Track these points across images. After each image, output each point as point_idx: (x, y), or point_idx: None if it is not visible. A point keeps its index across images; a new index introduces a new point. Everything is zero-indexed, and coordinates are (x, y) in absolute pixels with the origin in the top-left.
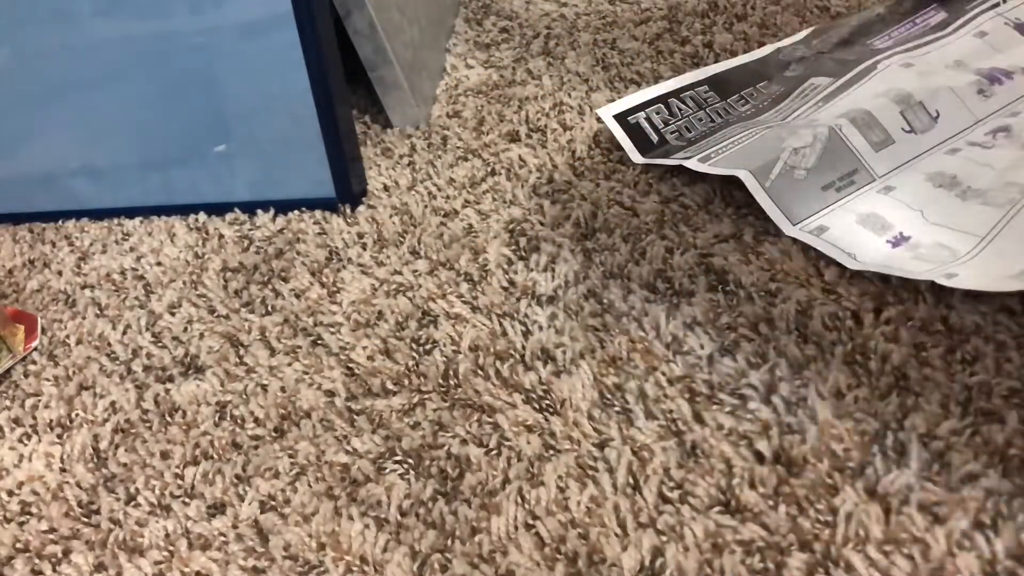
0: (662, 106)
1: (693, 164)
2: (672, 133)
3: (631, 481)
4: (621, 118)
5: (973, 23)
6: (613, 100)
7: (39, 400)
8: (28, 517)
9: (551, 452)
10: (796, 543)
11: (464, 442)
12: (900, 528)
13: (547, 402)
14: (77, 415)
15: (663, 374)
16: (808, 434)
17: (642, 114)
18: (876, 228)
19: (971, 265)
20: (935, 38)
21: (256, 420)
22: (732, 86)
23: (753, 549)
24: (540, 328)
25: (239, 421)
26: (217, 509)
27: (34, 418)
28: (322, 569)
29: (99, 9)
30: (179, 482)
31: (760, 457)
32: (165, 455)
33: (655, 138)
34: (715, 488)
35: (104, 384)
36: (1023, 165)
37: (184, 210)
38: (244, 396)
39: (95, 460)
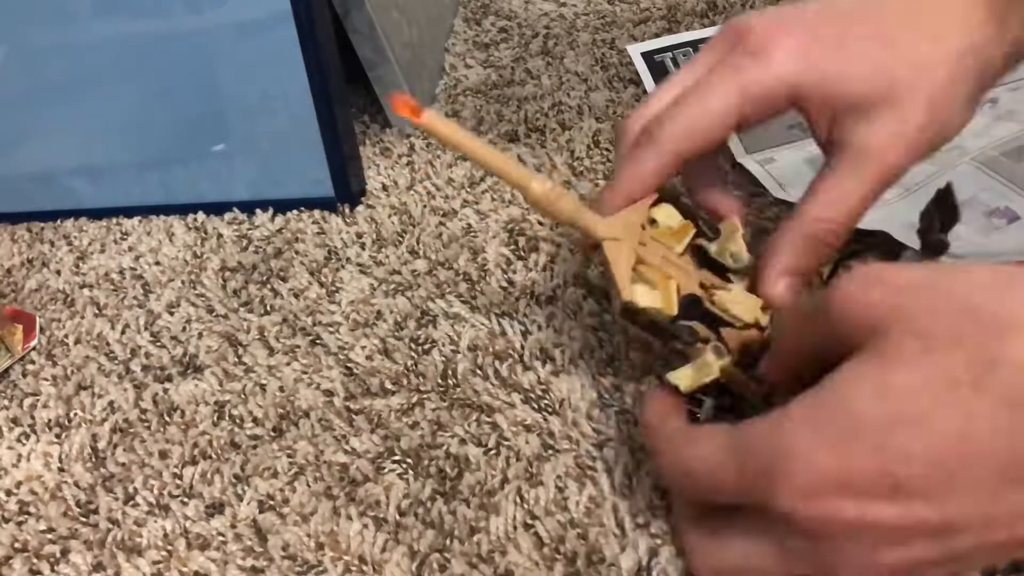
0: (691, 49)
1: None
2: None
3: (627, 481)
4: (648, 56)
5: None
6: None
7: (37, 400)
8: (26, 517)
9: (550, 452)
10: None
11: (463, 442)
12: None
13: (546, 402)
14: (75, 415)
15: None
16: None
17: (668, 54)
18: (817, 168)
19: (880, 210)
20: None
21: (255, 420)
22: None
23: None
24: (539, 328)
25: (237, 421)
26: (215, 509)
27: (32, 418)
28: (321, 569)
29: (97, 8)
30: (177, 482)
31: None
32: (163, 455)
33: None
34: None
35: (102, 384)
36: (985, 134)
37: (183, 209)
38: (243, 396)
39: (93, 460)
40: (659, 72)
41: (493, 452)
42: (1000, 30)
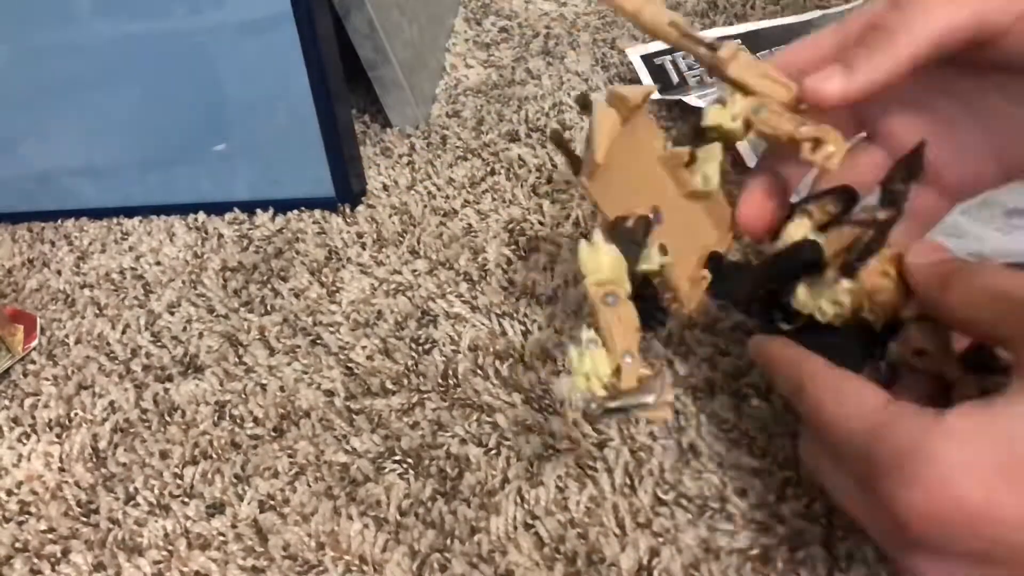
0: None
1: (690, 99)
2: (694, 77)
3: (628, 481)
4: (647, 59)
5: None
6: None
7: (38, 400)
8: (27, 516)
9: (550, 452)
10: (792, 545)
11: (463, 442)
12: None
13: (546, 402)
14: (76, 414)
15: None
16: (807, 433)
17: (668, 57)
18: None
19: None
20: None
21: (255, 420)
22: (765, 42)
23: (749, 554)
24: (539, 328)
25: (238, 420)
26: (216, 509)
27: (33, 417)
28: (321, 569)
29: (98, 8)
30: (178, 482)
31: (757, 455)
32: (164, 455)
33: (676, 79)
34: (709, 487)
35: (103, 383)
36: None
37: (183, 209)
38: (243, 396)
39: (94, 460)
40: (659, 75)
41: (494, 452)
42: None
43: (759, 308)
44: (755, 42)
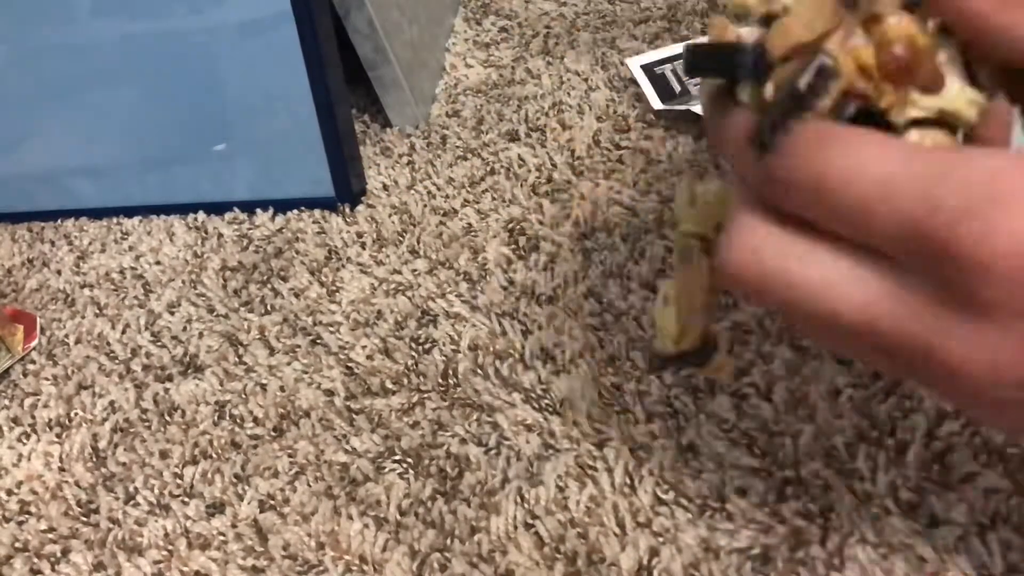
0: None
1: (697, 108)
2: (696, 86)
3: (628, 481)
4: (648, 68)
5: None
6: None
7: (38, 399)
8: (27, 516)
9: (550, 451)
10: (792, 545)
11: (463, 441)
12: (897, 530)
13: (546, 401)
14: (76, 414)
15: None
16: (805, 434)
17: (668, 66)
18: None
19: None
20: None
21: (255, 419)
22: None
23: (749, 554)
24: (539, 327)
25: (238, 420)
26: (216, 508)
27: (33, 417)
28: (321, 568)
29: (98, 8)
30: (178, 481)
31: (757, 455)
32: (164, 454)
33: (678, 88)
34: (709, 487)
35: (103, 383)
36: None
37: (183, 209)
38: (243, 395)
39: (94, 459)
40: (660, 84)
41: (494, 452)
42: None
43: None
44: None
